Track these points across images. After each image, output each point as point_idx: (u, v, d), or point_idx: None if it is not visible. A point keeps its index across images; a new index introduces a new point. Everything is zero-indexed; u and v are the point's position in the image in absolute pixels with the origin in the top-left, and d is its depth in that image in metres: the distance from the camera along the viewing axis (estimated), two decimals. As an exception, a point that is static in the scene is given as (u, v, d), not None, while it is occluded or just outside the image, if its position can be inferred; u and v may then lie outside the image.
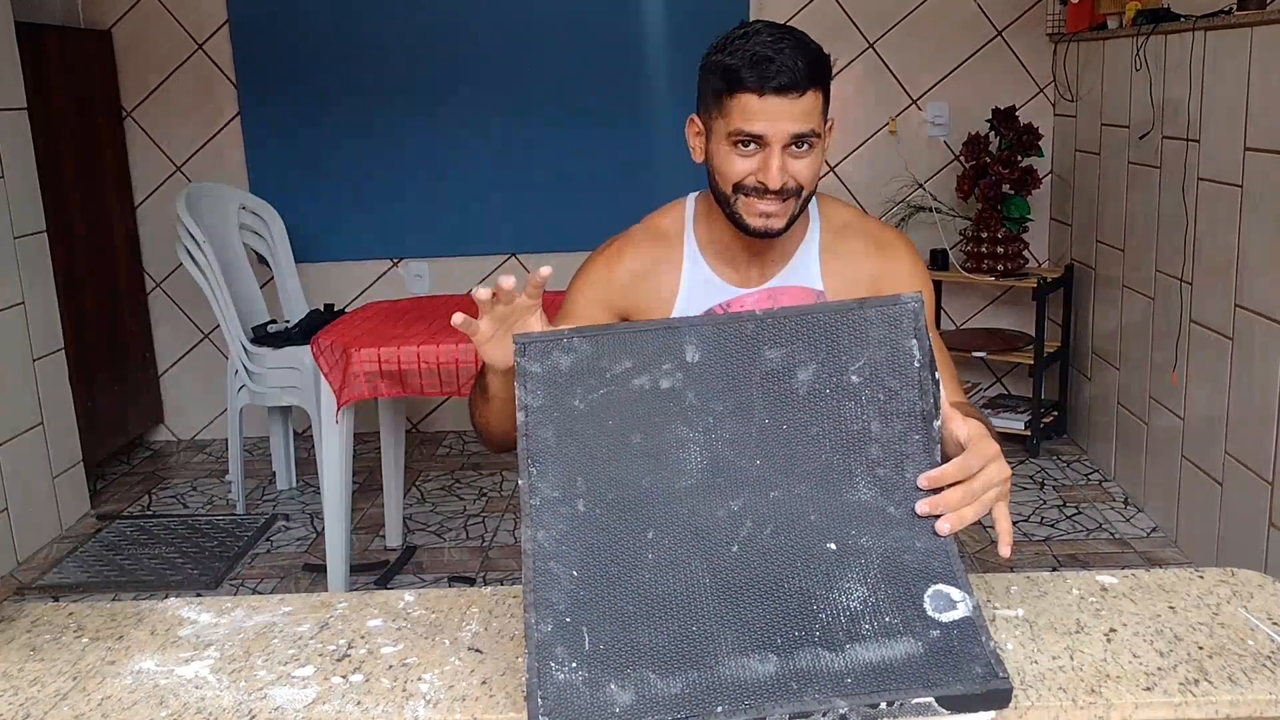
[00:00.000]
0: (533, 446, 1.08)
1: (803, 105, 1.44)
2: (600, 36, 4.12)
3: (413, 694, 1.08)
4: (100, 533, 3.54)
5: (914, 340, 1.10)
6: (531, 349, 1.11)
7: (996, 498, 1.11)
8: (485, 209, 4.25)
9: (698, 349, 1.11)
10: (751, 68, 1.43)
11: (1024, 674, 1.06)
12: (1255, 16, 2.63)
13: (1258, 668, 1.06)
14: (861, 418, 1.09)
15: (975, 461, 1.09)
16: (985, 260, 3.91)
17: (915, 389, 1.09)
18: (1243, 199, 2.69)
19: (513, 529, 3.48)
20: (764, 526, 1.06)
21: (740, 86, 1.44)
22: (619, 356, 1.11)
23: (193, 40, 4.16)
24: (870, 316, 1.11)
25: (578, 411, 1.09)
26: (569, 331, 1.12)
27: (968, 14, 4.08)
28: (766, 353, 1.11)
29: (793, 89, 1.43)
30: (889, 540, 1.05)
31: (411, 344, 2.70)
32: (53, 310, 3.56)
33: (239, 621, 1.24)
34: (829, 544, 1.05)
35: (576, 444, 1.08)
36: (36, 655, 1.19)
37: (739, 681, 0.97)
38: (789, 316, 1.12)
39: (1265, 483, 2.61)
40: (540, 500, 1.06)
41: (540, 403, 1.09)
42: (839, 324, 1.11)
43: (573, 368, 1.10)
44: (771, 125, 1.44)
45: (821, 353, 1.11)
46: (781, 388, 1.10)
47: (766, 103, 1.43)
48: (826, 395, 1.10)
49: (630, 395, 1.10)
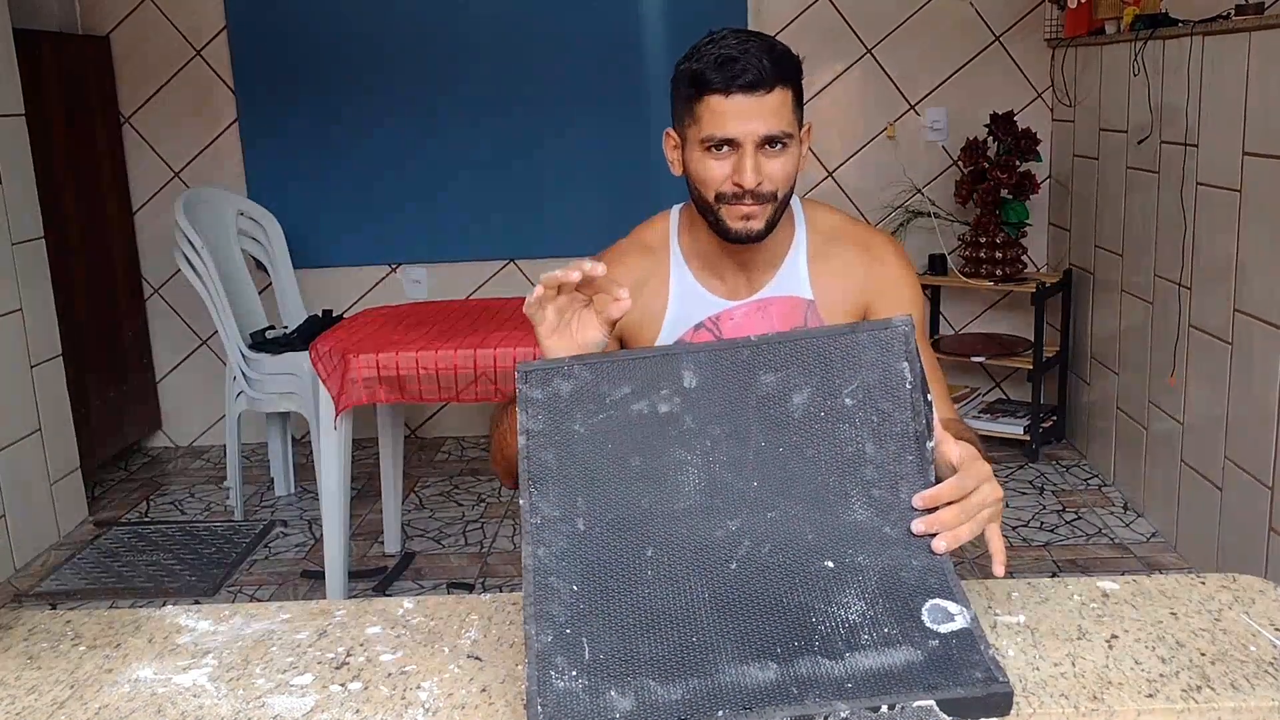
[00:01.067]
0: (534, 469, 1.10)
1: (770, 104, 1.44)
2: (599, 43, 4.12)
3: (412, 702, 1.07)
4: (98, 539, 3.53)
5: (905, 363, 1.12)
6: (533, 376, 1.13)
7: (990, 518, 1.13)
8: (484, 215, 4.25)
9: (695, 375, 1.13)
10: (716, 69, 1.44)
11: (1025, 680, 1.06)
12: (1253, 21, 2.63)
13: (1260, 674, 1.06)
14: (856, 439, 1.11)
15: (969, 482, 1.11)
16: (984, 265, 3.90)
17: (908, 410, 1.11)
18: (1241, 203, 2.69)
19: (511, 535, 3.47)
20: (762, 545, 1.08)
21: (707, 88, 1.45)
22: (618, 382, 1.13)
23: (191, 46, 4.16)
24: (862, 340, 1.13)
25: (578, 435, 1.11)
26: (569, 360, 1.15)
27: (966, 19, 4.08)
28: (762, 377, 1.13)
29: (759, 86, 1.43)
30: (886, 559, 1.07)
31: (410, 350, 2.70)
32: (50, 316, 3.55)
33: (237, 629, 1.24)
34: (826, 562, 1.07)
35: (577, 466, 1.10)
36: (34, 663, 1.19)
37: (739, 688, 0.97)
38: (783, 342, 1.14)
39: (1265, 487, 2.61)
40: (541, 519, 1.08)
41: (541, 427, 1.11)
42: (832, 348, 1.14)
43: (573, 393, 1.12)
44: (741, 125, 1.44)
45: (815, 376, 1.13)
46: (777, 411, 1.12)
47: (734, 102, 1.44)
48: (821, 418, 1.12)
49: (629, 420, 1.12)
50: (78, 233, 3.86)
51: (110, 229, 4.11)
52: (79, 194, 3.89)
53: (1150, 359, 3.27)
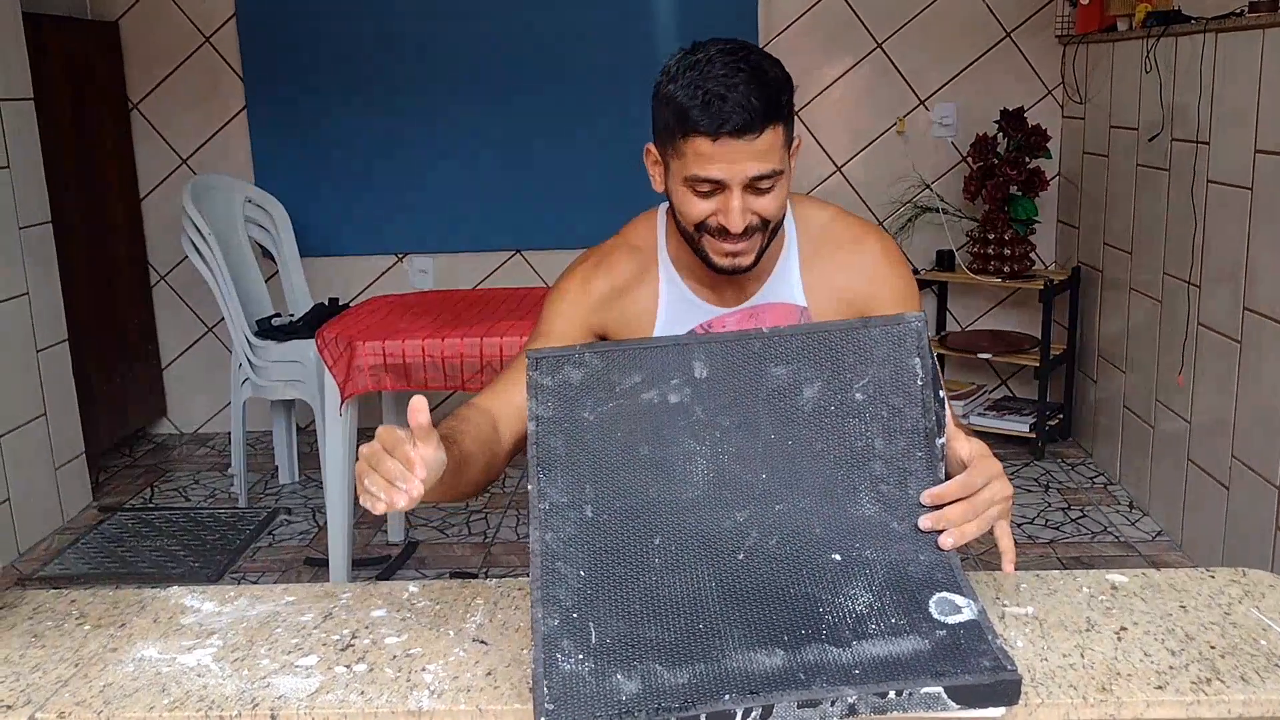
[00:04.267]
0: (542, 454, 1.09)
1: (759, 146, 1.35)
2: (608, 34, 4.10)
3: (417, 684, 1.07)
4: (102, 524, 3.53)
5: (917, 359, 1.12)
6: (544, 364, 1.12)
7: (998, 515, 1.12)
8: (490, 205, 4.24)
9: (706, 365, 1.13)
10: (703, 109, 1.34)
11: (1034, 671, 1.05)
12: (1266, 18, 2.61)
13: (1270, 668, 1.05)
14: (865, 434, 1.11)
15: (978, 479, 1.11)
16: (992, 262, 3.89)
17: (919, 407, 1.11)
18: (1252, 201, 2.68)
19: (515, 525, 3.47)
20: (770, 537, 1.08)
21: (693, 130, 1.35)
22: (629, 371, 1.12)
23: (200, 33, 4.15)
24: (875, 335, 1.13)
25: (587, 423, 1.10)
26: (581, 347, 1.14)
27: (977, 15, 4.06)
28: (773, 370, 1.13)
29: (748, 130, 1.33)
30: (893, 553, 1.07)
31: (416, 338, 2.70)
32: (57, 301, 3.55)
33: (242, 610, 1.23)
34: (834, 555, 1.07)
35: (585, 453, 1.10)
36: (38, 642, 1.19)
37: (746, 673, 0.97)
38: (796, 335, 1.14)
39: (1273, 487, 2.60)
40: (549, 505, 1.08)
41: (550, 413, 1.11)
42: (844, 342, 1.13)
43: (583, 381, 1.12)
44: (729, 169, 1.35)
45: (826, 370, 1.13)
46: (787, 404, 1.12)
47: (721, 146, 1.34)
48: (831, 412, 1.12)
49: (639, 408, 1.11)
50: (84, 218, 3.86)
51: (117, 215, 4.11)
52: (86, 180, 3.89)
53: (1158, 357, 3.26)
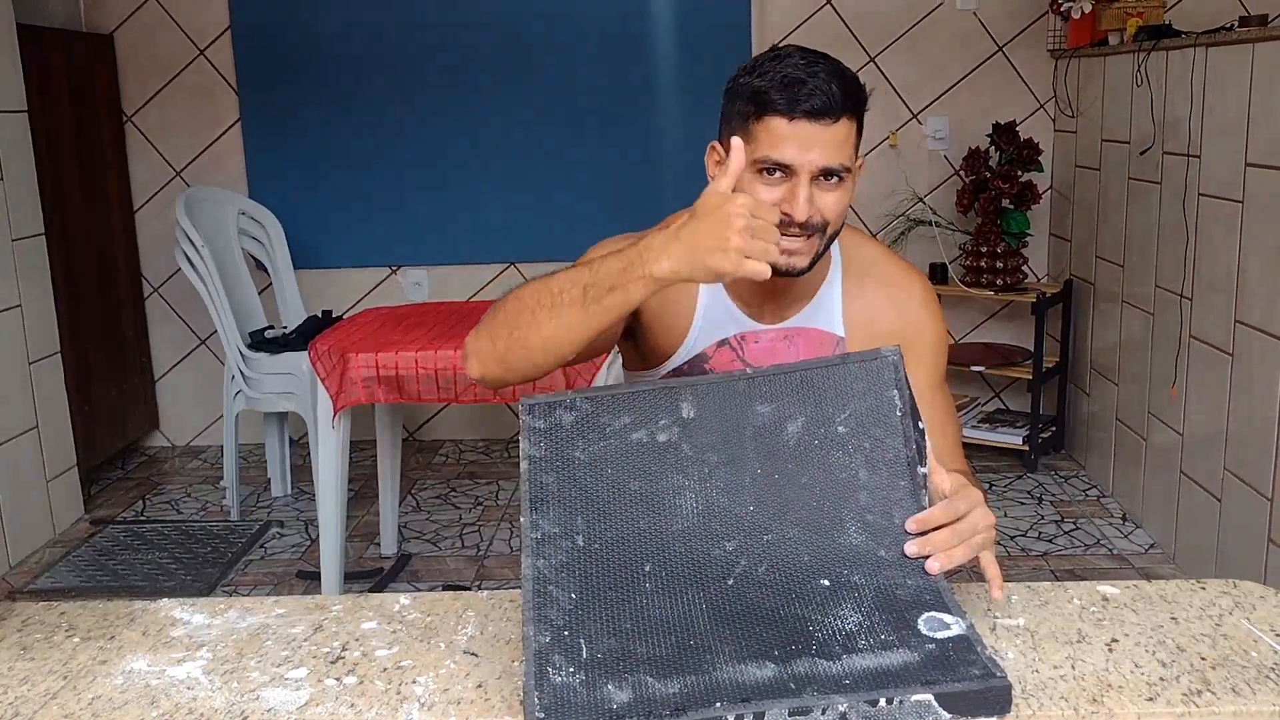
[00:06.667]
0: (534, 491, 1.12)
1: (835, 134, 1.35)
2: (602, 47, 4.12)
3: (407, 697, 1.07)
4: (93, 538, 3.52)
5: (895, 391, 1.16)
6: (537, 409, 1.16)
7: (983, 544, 1.13)
8: (484, 218, 4.25)
9: (693, 406, 1.16)
10: (782, 90, 1.34)
11: (1025, 682, 1.05)
12: (1256, 33, 2.63)
13: (1261, 679, 1.05)
14: (849, 466, 1.14)
15: (962, 505, 1.12)
16: (984, 274, 3.90)
17: (899, 437, 1.14)
18: (1243, 215, 2.69)
19: (508, 538, 3.47)
20: (759, 564, 1.10)
21: (769, 109, 1.35)
22: (619, 413, 1.15)
23: (194, 46, 4.16)
24: (853, 371, 1.17)
25: (578, 461, 1.13)
26: (572, 393, 1.17)
27: (969, 29, 4.08)
28: (758, 408, 1.16)
29: (825, 114, 1.33)
30: (881, 578, 1.09)
31: (409, 350, 2.69)
32: (49, 314, 3.54)
33: (232, 623, 1.23)
34: (822, 580, 1.09)
35: (577, 489, 1.12)
36: (27, 654, 1.18)
37: (737, 683, 0.97)
38: (778, 374, 1.18)
39: (1265, 499, 2.60)
40: (541, 534, 1.10)
41: (543, 453, 1.13)
42: (825, 379, 1.17)
43: (575, 423, 1.15)
44: (801, 153, 1.35)
45: (809, 406, 1.16)
46: (773, 440, 1.15)
47: (797, 128, 1.34)
48: (815, 446, 1.15)
49: (628, 447, 1.14)
50: (78, 230, 3.86)
51: (111, 227, 4.10)
52: (80, 192, 3.89)
53: (1150, 370, 3.27)
